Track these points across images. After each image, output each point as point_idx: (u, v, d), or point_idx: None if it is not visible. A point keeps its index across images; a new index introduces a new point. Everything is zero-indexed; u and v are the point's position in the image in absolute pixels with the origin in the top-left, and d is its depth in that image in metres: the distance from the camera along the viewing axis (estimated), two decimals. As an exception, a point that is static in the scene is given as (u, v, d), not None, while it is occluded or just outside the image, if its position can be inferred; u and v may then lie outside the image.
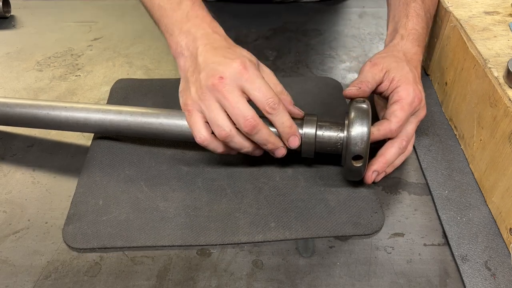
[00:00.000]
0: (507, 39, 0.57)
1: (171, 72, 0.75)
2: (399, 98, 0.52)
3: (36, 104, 0.57)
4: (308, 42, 0.82)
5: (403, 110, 0.52)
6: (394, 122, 0.52)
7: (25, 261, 0.47)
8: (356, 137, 0.48)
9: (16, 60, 0.77)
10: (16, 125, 0.60)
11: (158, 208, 0.52)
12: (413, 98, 0.52)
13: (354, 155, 0.49)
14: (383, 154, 0.53)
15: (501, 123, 0.50)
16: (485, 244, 0.48)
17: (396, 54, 0.56)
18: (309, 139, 0.52)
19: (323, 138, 0.52)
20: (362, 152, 0.48)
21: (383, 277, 0.46)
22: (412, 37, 0.58)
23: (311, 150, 0.52)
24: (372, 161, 0.53)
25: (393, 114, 0.52)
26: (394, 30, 0.60)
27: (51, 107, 0.56)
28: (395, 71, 0.54)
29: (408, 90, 0.52)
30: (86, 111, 0.56)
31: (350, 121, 0.49)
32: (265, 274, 0.46)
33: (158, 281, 0.45)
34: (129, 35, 0.84)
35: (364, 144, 0.48)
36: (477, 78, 0.55)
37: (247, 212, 0.52)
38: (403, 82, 0.53)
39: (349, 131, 0.48)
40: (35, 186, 0.55)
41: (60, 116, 0.56)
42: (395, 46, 0.58)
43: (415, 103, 0.53)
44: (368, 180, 0.53)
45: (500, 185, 0.50)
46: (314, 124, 0.52)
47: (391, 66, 0.54)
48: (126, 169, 0.57)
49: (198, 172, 0.56)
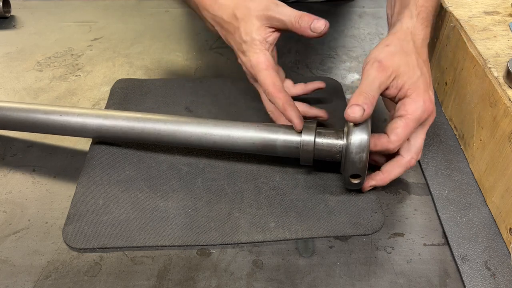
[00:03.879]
0: (507, 39, 0.57)
1: (171, 72, 0.75)
2: (405, 113, 0.49)
3: (33, 108, 0.57)
4: (308, 42, 0.82)
5: (407, 127, 0.49)
6: (393, 140, 0.49)
7: (25, 261, 0.47)
8: (356, 145, 0.46)
9: (16, 60, 0.77)
10: (11, 129, 0.60)
11: (158, 208, 0.52)
12: (422, 112, 0.49)
13: (353, 169, 0.48)
14: (388, 172, 0.52)
15: (501, 123, 0.50)
16: (485, 244, 0.48)
17: (406, 47, 0.51)
18: (308, 147, 0.51)
19: (322, 146, 0.51)
20: (361, 168, 0.47)
21: (383, 277, 0.46)
22: (421, 15, 0.53)
23: (309, 158, 0.52)
24: (373, 175, 0.52)
25: (394, 132, 0.49)
26: (402, 7, 0.55)
27: (46, 111, 0.56)
28: (405, 77, 0.49)
29: (417, 104, 0.49)
30: (84, 117, 0.56)
31: (350, 129, 0.47)
32: (265, 274, 0.46)
33: (158, 281, 0.45)
34: (129, 35, 0.84)
35: (364, 154, 0.47)
36: (477, 78, 0.55)
37: (247, 212, 0.52)
38: (413, 92, 0.49)
39: (349, 139, 0.47)
40: (35, 186, 0.55)
41: (55, 121, 0.56)
42: (404, 30, 0.52)
43: (423, 117, 0.49)
44: (363, 190, 0.53)
45: (500, 185, 0.50)
46: (313, 131, 0.51)
47: (401, 71, 0.49)
48: (126, 169, 0.57)
49: (198, 172, 0.56)
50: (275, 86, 0.52)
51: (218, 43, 0.81)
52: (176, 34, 0.84)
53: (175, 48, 0.81)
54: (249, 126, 0.53)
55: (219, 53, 0.79)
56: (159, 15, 0.90)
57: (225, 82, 0.71)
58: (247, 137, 0.52)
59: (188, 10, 0.90)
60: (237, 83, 0.70)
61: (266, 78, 0.52)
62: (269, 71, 0.53)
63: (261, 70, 0.53)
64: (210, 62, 0.77)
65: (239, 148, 0.54)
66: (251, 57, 0.53)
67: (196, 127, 0.54)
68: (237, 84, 0.70)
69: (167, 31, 0.85)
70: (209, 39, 0.82)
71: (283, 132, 0.52)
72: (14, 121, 0.57)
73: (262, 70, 0.53)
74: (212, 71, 0.75)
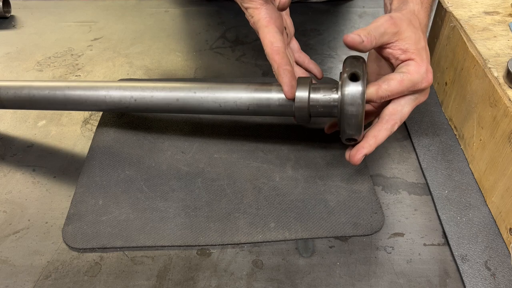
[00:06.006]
0: (507, 39, 0.57)
1: (171, 72, 0.75)
2: (407, 71, 0.47)
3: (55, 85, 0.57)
4: (308, 42, 0.82)
5: (401, 84, 0.47)
6: (383, 89, 0.47)
7: (25, 261, 0.47)
8: (350, 95, 0.45)
9: (16, 60, 0.77)
10: (35, 108, 0.60)
11: (158, 208, 0.52)
12: (422, 78, 0.47)
13: (349, 114, 0.46)
14: (375, 137, 0.49)
15: (501, 123, 0.50)
16: (485, 244, 0.48)
17: (414, 21, 0.49)
18: (302, 103, 0.49)
19: (317, 102, 0.49)
20: (358, 122, 0.46)
21: (383, 277, 0.46)
22: (425, 5, 0.52)
23: (305, 115, 0.50)
24: (363, 143, 0.49)
25: (387, 81, 0.47)
26: None
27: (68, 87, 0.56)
28: (411, 41, 0.48)
29: (420, 68, 0.47)
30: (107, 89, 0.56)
31: (345, 79, 0.46)
32: (265, 274, 0.46)
33: (158, 281, 0.45)
34: (129, 35, 0.84)
35: (360, 105, 0.45)
36: (477, 78, 0.55)
37: (247, 212, 0.52)
38: (418, 57, 0.48)
39: (343, 90, 0.45)
40: (35, 186, 0.55)
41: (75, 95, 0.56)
42: (411, 10, 0.51)
43: (422, 84, 0.48)
44: (357, 162, 0.49)
45: (500, 185, 0.50)
46: (307, 87, 0.49)
47: (407, 36, 0.48)
48: (126, 169, 0.57)
49: (198, 172, 0.56)
50: (272, 46, 0.50)
51: (218, 43, 0.81)
52: (176, 34, 0.84)
53: (175, 48, 0.81)
54: (240, 86, 0.52)
55: (219, 53, 0.79)
56: (159, 15, 0.90)
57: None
58: (243, 98, 0.52)
59: (188, 10, 0.90)
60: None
61: (265, 36, 0.50)
62: (269, 28, 0.50)
63: (261, 27, 0.51)
64: (210, 62, 0.77)
65: (233, 111, 0.53)
66: (253, 13, 0.51)
67: (180, 92, 0.54)
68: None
69: (167, 31, 0.85)
70: (209, 39, 0.82)
71: (277, 90, 0.51)
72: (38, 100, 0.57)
73: (262, 27, 0.51)
74: (212, 71, 0.75)
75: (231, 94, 0.52)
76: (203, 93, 0.53)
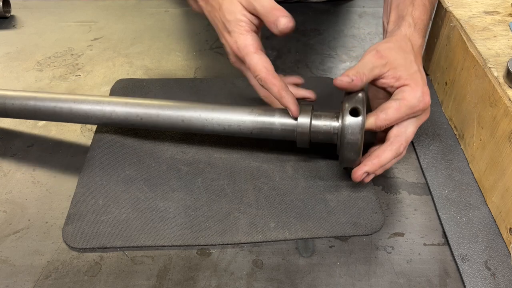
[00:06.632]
0: (507, 39, 0.57)
1: (171, 72, 0.75)
2: (402, 98, 0.49)
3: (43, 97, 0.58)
4: (308, 42, 0.82)
5: (399, 111, 0.49)
6: (381, 118, 0.49)
7: (25, 261, 0.47)
8: (350, 126, 0.47)
9: (16, 60, 0.77)
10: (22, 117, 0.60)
11: (158, 208, 0.52)
12: (418, 102, 0.49)
13: (349, 144, 0.48)
14: (378, 156, 0.50)
15: (501, 123, 0.50)
16: (485, 244, 0.48)
17: (404, 47, 0.52)
18: (304, 129, 0.51)
19: (318, 128, 0.51)
20: (357, 149, 0.48)
21: (383, 277, 0.46)
22: (418, 27, 0.54)
23: (306, 141, 0.52)
24: (365, 161, 0.51)
25: (385, 111, 0.49)
26: (399, 17, 0.56)
27: (57, 100, 0.57)
28: (403, 69, 0.50)
29: (415, 93, 0.49)
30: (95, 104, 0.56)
31: (345, 110, 0.48)
32: (265, 274, 0.46)
33: (158, 281, 0.45)
34: (129, 35, 0.84)
35: (358, 135, 0.47)
36: (477, 78, 0.55)
37: (247, 212, 0.52)
38: (412, 82, 0.49)
39: (344, 121, 0.48)
40: (35, 186, 0.55)
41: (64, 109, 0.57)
42: (403, 35, 0.53)
43: (419, 107, 0.49)
44: (357, 179, 0.51)
45: (500, 185, 0.50)
46: (309, 113, 0.51)
47: (398, 63, 0.50)
48: (126, 169, 0.57)
49: (198, 172, 0.56)
50: (268, 71, 0.50)
51: (218, 43, 0.81)
52: (176, 34, 0.84)
53: (175, 48, 0.81)
54: (244, 110, 0.53)
55: (219, 53, 0.79)
56: (159, 15, 0.90)
57: (225, 82, 0.71)
58: (246, 122, 0.53)
59: (188, 10, 0.90)
60: (237, 83, 0.70)
61: (257, 62, 0.50)
62: (259, 54, 0.51)
63: (250, 53, 0.50)
64: (210, 62, 0.77)
65: (236, 134, 0.54)
66: (238, 39, 0.51)
67: (185, 112, 0.54)
68: (237, 84, 0.70)
69: (167, 31, 0.85)
70: (209, 39, 0.82)
71: (279, 115, 0.52)
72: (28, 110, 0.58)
73: (251, 54, 0.50)
74: (212, 71, 0.75)
75: (235, 117, 0.53)
76: (208, 115, 0.54)
